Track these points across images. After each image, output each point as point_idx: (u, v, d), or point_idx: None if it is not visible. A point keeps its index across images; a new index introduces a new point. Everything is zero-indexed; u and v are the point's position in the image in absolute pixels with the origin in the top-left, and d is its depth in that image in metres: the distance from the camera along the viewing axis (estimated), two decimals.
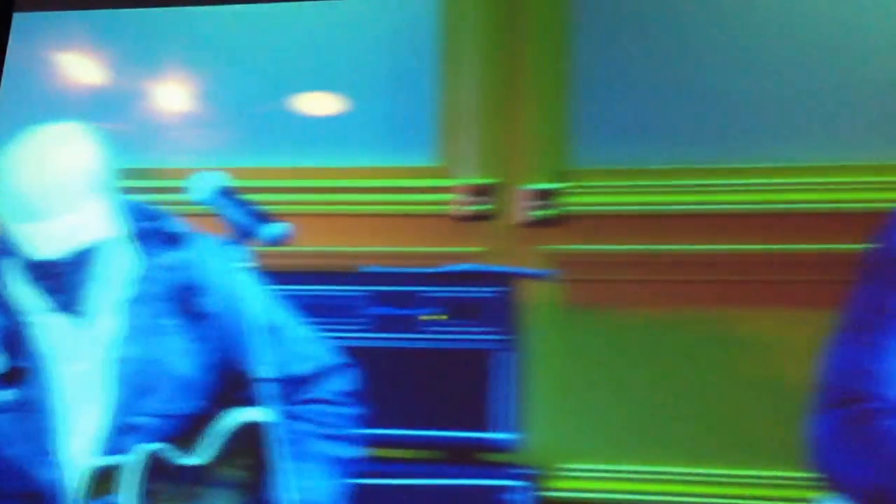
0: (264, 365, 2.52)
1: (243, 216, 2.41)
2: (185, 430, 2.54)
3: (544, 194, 3.79)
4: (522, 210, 3.81)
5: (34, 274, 2.44)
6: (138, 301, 2.55)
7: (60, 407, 2.50)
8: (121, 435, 2.47)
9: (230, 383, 2.59)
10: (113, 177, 2.49)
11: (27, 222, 2.38)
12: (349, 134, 3.99)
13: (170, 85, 4.27)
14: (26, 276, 2.48)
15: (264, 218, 2.41)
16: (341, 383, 2.67)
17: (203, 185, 2.50)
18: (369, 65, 3.96)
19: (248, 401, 2.58)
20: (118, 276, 2.56)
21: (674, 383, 3.46)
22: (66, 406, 2.50)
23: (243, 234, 2.40)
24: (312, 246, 3.88)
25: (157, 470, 2.45)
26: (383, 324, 3.67)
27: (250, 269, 2.41)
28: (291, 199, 3.95)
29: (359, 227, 3.96)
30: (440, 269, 3.68)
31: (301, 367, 2.63)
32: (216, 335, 2.58)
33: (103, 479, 2.40)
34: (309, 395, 2.63)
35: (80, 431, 2.50)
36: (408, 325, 3.65)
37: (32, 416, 2.47)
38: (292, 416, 2.59)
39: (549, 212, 3.78)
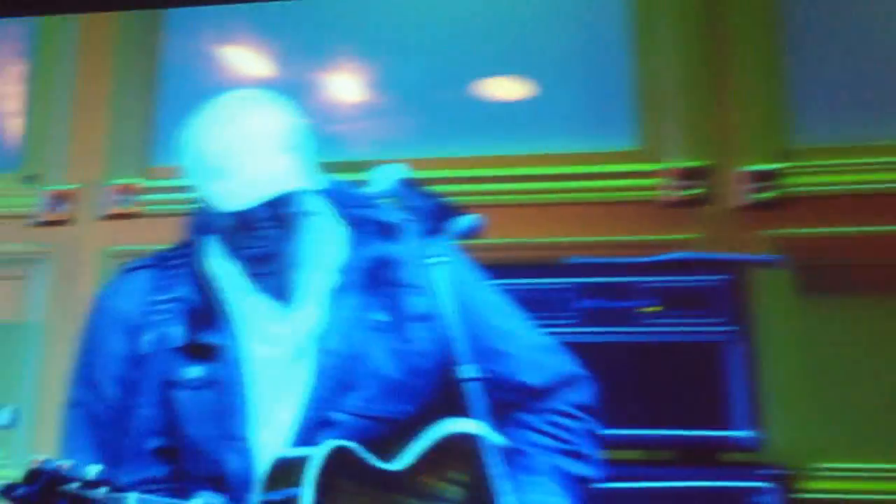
0: (484, 373, 2.36)
1: (430, 209, 2.30)
2: (385, 435, 2.38)
3: (764, 175, 3.63)
4: (740, 193, 3.66)
5: (234, 241, 2.34)
6: (347, 291, 2.42)
7: (253, 392, 2.38)
8: (316, 429, 2.34)
9: (441, 391, 2.42)
10: (304, 140, 2.40)
11: (223, 179, 2.31)
12: (539, 119, 3.87)
13: (342, 75, 4.18)
14: (227, 251, 2.40)
15: (453, 210, 2.30)
16: (581, 396, 2.50)
17: (384, 177, 2.37)
18: (557, 45, 3.83)
19: (461, 411, 2.37)
20: (326, 262, 2.44)
21: None
22: (259, 392, 2.39)
23: (431, 228, 2.29)
24: (509, 238, 3.76)
25: (344, 466, 2.30)
26: (594, 317, 3.50)
27: (480, 271, 2.29)
28: (482, 189, 3.83)
29: (559, 216, 3.82)
30: (655, 259, 3.53)
31: (537, 377, 2.46)
32: (431, 338, 2.42)
33: (287, 471, 2.27)
34: (545, 406, 2.45)
35: (272, 421, 2.38)
36: (622, 317, 3.47)
37: (223, 398, 2.36)
38: (526, 427, 2.44)
39: (770, 194, 3.62)
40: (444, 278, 2.41)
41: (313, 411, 2.36)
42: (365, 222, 2.47)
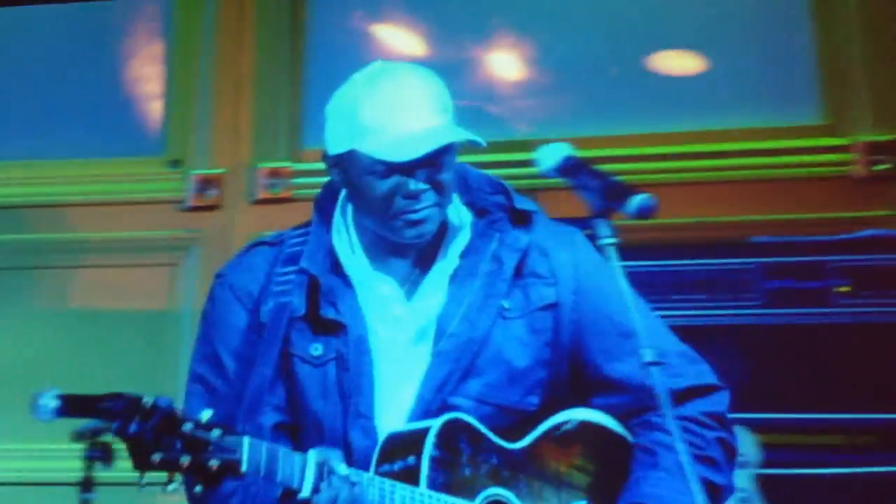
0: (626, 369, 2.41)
1: (602, 188, 2.23)
2: (508, 423, 2.38)
3: None
4: None
5: (384, 202, 2.36)
6: (476, 276, 2.42)
7: (378, 373, 2.39)
8: (436, 413, 2.34)
9: (566, 383, 2.44)
10: (452, 108, 2.38)
11: (381, 134, 2.32)
12: (712, 94, 3.82)
13: (502, 52, 4.15)
14: (372, 217, 2.41)
15: (626, 189, 2.22)
16: (714, 405, 2.44)
17: (551, 156, 2.32)
18: (731, 16, 3.78)
19: (585, 404, 2.45)
20: (458, 246, 2.45)
21: None
22: (381, 373, 2.39)
23: (601, 208, 2.21)
24: (686, 217, 3.73)
25: (462, 438, 2.32)
26: (781, 298, 3.45)
27: (615, 260, 2.18)
28: (657, 167, 3.80)
29: (742, 193, 3.78)
30: (845, 237, 3.47)
31: (672, 384, 2.32)
32: (559, 329, 2.42)
33: (405, 444, 2.28)
34: (678, 413, 2.32)
35: (394, 402, 2.38)
36: (811, 298, 3.43)
37: (347, 376, 2.37)
38: (656, 428, 2.40)
39: None
40: (579, 273, 2.45)
41: (433, 394, 2.38)
42: (499, 208, 2.47)
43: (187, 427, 2.00)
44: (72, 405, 3.53)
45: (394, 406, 2.38)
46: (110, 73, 4.69)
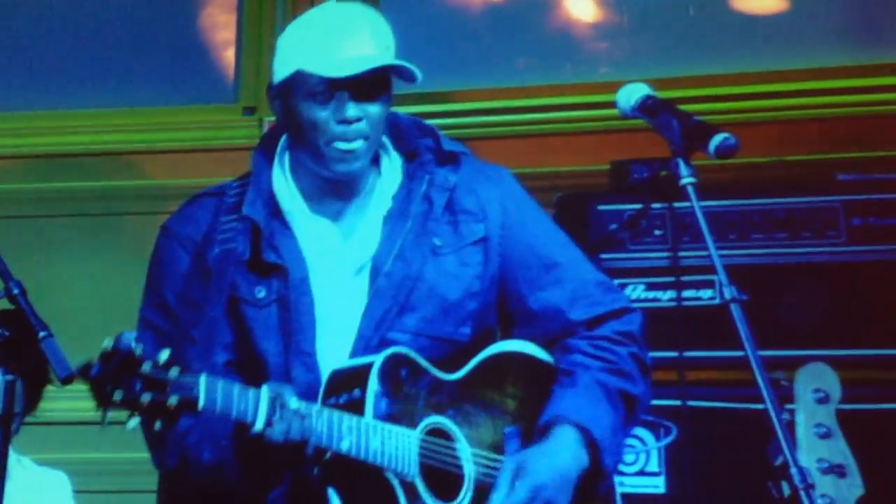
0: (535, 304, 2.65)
1: (678, 128, 2.40)
2: (443, 354, 2.62)
3: None
4: None
5: (324, 128, 2.55)
6: (408, 217, 2.65)
7: (319, 312, 2.61)
8: (376, 349, 2.56)
9: (493, 314, 2.69)
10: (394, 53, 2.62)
11: (325, 53, 2.54)
12: (794, 33, 3.98)
13: None
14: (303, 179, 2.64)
15: (706, 129, 2.39)
16: (626, 325, 2.70)
17: (631, 96, 2.50)
18: None
19: (513, 336, 2.69)
20: (390, 188, 2.68)
21: None
22: (322, 311, 2.61)
23: (680, 148, 2.39)
24: (769, 156, 3.89)
25: (403, 372, 2.54)
26: (863, 235, 3.60)
27: (695, 199, 2.36)
28: (738, 107, 3.97)
29: (824, 132, 3.94)
30: None
31: (586, 313, 2.68)
32: (487, 262, 2.66)
33: (348, 379, 2.50)
34: (592, 334, 2.68)
35: (336, 339, 2.60)
36: (893, 235, 3.58)
37: (290, 315, 2.59)
38: (573, 350, 2.66)
39: None
40: (504, 209, 2.68)
41: (372, 331, 2.59)
42: (429, 151, 2.69)
43: (146, 367, 2.21)
44: None
45: (335, 343, 2.60)
46: (184, 20, 4.90)
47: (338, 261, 2.66)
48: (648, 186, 3.65)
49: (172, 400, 2.23)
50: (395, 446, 2.49)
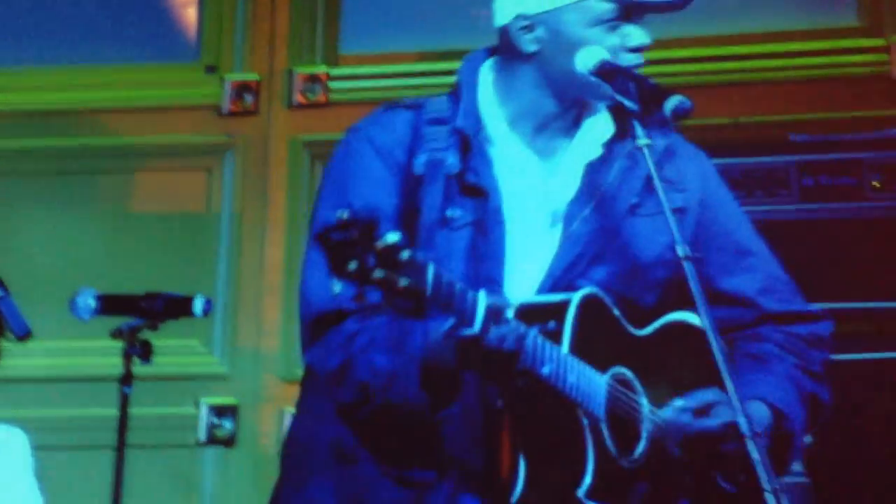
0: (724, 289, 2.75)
1: (634, 91, 2.57)
2: (625, 315, 2.66)
3: None
4: None
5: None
6: (612, 170, 2.72)
7: (510, 244, 2.66)
8: (563, 291, 2.60)
9: (678, 288, 2.64)
10: None
11: None
12: None
13: None
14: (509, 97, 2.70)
15: (661, 91, 2.56)
16: (820, 329, 2.83)
17: (588, 60, 2.65)
18: None
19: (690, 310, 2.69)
20: (599, 135, 2.75)
21: None
22: (514, 244, 2.66)
23: (636, 111, 2.56)
24: (724, 117, 4.22)
25: (595, 311, 2.59)
26: (816, 194, 3.94)
27: (650, 161, 2.52)
28: (693, 69, 4.29)
29: (778, 94, 4.26)
30: (879, 134, 3.95)
31: (776, 305, 2.80)
32: (682, 235, 2.62)
33: (540, 312, 2.52)
34: (785, 329, 2.78)
35: (522, 274, 2.66)
36: (844, 194, 3.92)
37: (482, 241, 2.64)
38: (766, 339, 2.77)
39: None
40: (704, 185, 2.79)
41: (562, 273, 2.66)
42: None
43: (383, 242, 2.19)
44: (110, 304, 4.01)
45: (521, 278, 2.64)
46: None
47: (536, 198, 2.70)
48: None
49: (403, 282, 2.21)
50: (588, 385, 2.50)
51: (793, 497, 3.00)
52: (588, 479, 2.47)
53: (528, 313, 2.49)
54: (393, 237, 2.20)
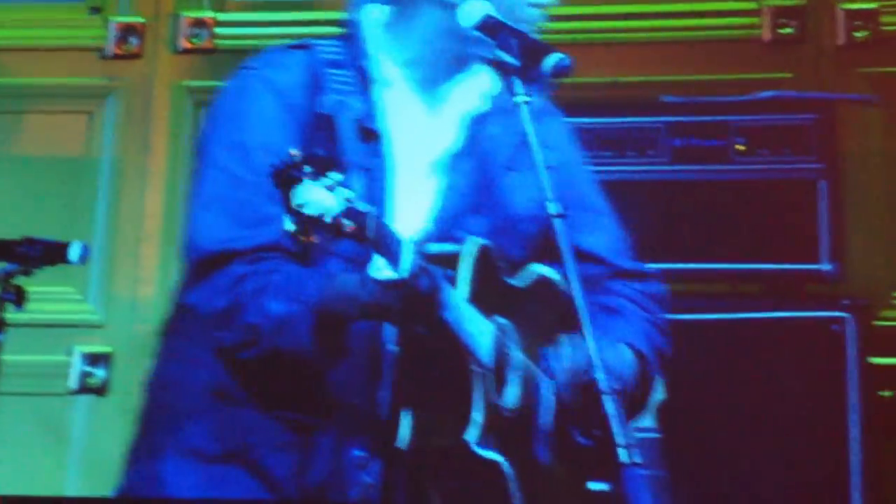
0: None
1: (516, 47, 2.69)
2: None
3: (861, 15, 4.37)
4: (839, 32, 4.40)
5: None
6: (491, 124, 2.91)
7: (397, 190, 2.81)
8: (444, 241, 2.76)
9: (543, 245, 2.86)
10: None
11: None
12: None
13: None
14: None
15: (543, 48, 2.69)
16: (660, 289, 3.05)
17: (472, 14, 2.78)
18: None
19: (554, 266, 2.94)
20: (478, 87, 2.93)
21: None
22: (400, 192, 2.82)
23: (517, 67, 2.68)
24: (599, 76, 4.49)
25: (484, 259, 2.75)
26: (685, 155, 4.23)
27: (528, 117, 2.63)
28: (571, 27, 4.54)
29: (653, 55, 4.53)
30: (748, 97, 4.24)
31: (627, 263, 3.04)
32: (554, 192, 2.82)
33: (433, 260, 2.65)
34: (635, 286, 3.02)
35: (407, 221, 2.79)
36: (713, 155, 4.21)
37: (375, 185, 2.77)
38: (619, 294, 3.00)
39: (867, 33, 4.36)
40: (566, 143, 3.03)
41: (442, 223, 2.85)
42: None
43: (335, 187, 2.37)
44: None
45: (402, 225, 2.72)
46: None
47: (420, 146, 2.87)
48: None
49: (348, 224, 2.38)
50: (480, 334, 2.68)
51: (644, 451, 3.38)
52: (477, 427, 2.65)
53: (427, 260, 2.65)
54: (338, 176, 2.39)
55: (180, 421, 2.84)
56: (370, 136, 2.81)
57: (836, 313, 4.01)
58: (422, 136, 2.91)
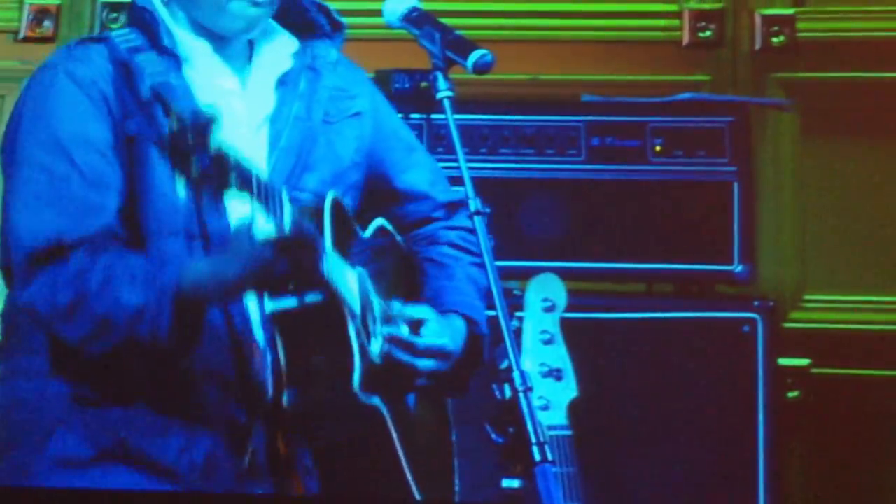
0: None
1: (441, 42, 2.90)
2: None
3: (778, 20, 4.66)
4: (756, 36, 4.69)
5: None
6: (300, 81, 3.12)
7: None
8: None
9: (365, 191, 3.18)
10: None
11: None
12: None
13: None
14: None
15: (465, 44, 2.91)
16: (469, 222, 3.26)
17: (398, 6, 2.99)
18: None
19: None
20: (283, 50, 3.14)
21: None
22: None
23: (441, 61, 2.89)
24: (521, 73, 4.75)
25: (339, 212, 2.97)
26: (601, 155, 4.50)
27: (451, 112, 2.86)
28: (496, 23, 4.81)
29: (574, 53, 4.79)
30: (665, 99, 4.53)
31: (445, 195, 3.26)
32: (362, 138, 3.16)
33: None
34: (455, 224, 3.25)
35: None
36: (629, 156, 4.48)
37: None
38: (444, 242, 3.24)
39: (784, 39, 4.66)
40: (371, 90, 3.25)
41: (279, 185, 2.90)
42: (311, 24, 3.18)
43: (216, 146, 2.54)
44: None
45: None
46: None
47: (241, 116, 3.04)
48: (408, 97, 4.36)
49: (235, 180, 2.58)
50: (347, 283, 2.91)
51: (556, 448, 3.64)
52: (358, 374, 2.89)
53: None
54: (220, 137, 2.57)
55: (43, 436, 2.95)
56: (196, 115, 2.90)
57: (747, 314, 4.33)
58: (239, 106, 3.07)
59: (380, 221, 3.20)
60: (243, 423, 2.96)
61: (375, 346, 2.97)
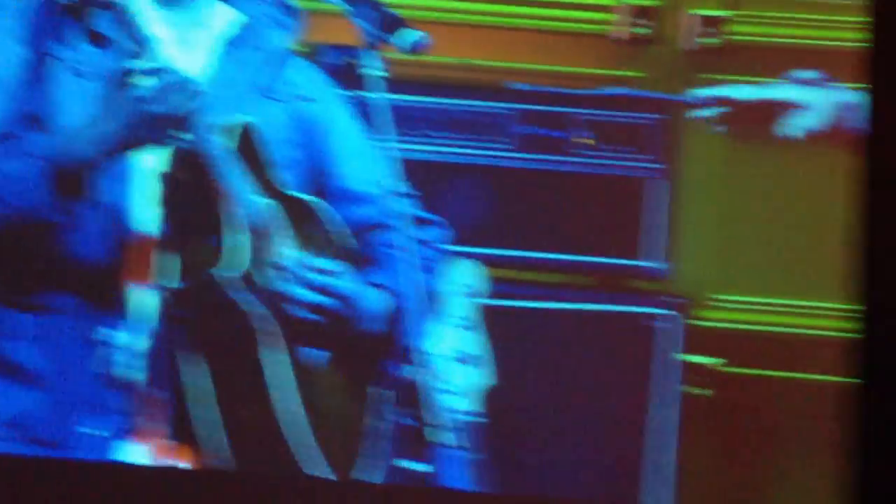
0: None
1: (376, 20, 3.07)
2: None
3: (712, 21, 4.88)
4: (687, 36, 4.91)
5: None
6: (247, 49, 3.28)
7: None
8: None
9: (310, 170, 3.34)
10: None
11: None
12: None
13: None
14: None
15: (400, 23, 3.08)
16: (442, 237, 3.52)
17: None
18: None
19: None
20: (230, 15, 3.28)
21: (831, 219, 4.56)
22: None
23: (374, 39, 3.07)
24: (454, 57, 4.91)
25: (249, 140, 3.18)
26: (530, 144, 4.71)
27: (381, 91, 3.04)
28: (431, 5, 4.95)
29: (507, 41, 4.95)
30: (595, 92, 4.75)
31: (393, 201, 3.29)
32: (311, 126, 3.32)
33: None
34: (421, 236, 3.41)
35: None
36: (556, 146, 4.70)
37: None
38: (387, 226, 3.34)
39: (715, 40, 4.88)
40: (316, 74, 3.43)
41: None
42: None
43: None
44: None
45: None
46: None
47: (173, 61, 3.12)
48: (336, 73, 4.39)
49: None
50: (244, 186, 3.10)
51: (464, 433, 3.79)
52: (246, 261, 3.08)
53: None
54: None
55: None
56: (102, 41, 3.09)
57: (658, 310, 4.57)
58: (172, 53, 3.18)
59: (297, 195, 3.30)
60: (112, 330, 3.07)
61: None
